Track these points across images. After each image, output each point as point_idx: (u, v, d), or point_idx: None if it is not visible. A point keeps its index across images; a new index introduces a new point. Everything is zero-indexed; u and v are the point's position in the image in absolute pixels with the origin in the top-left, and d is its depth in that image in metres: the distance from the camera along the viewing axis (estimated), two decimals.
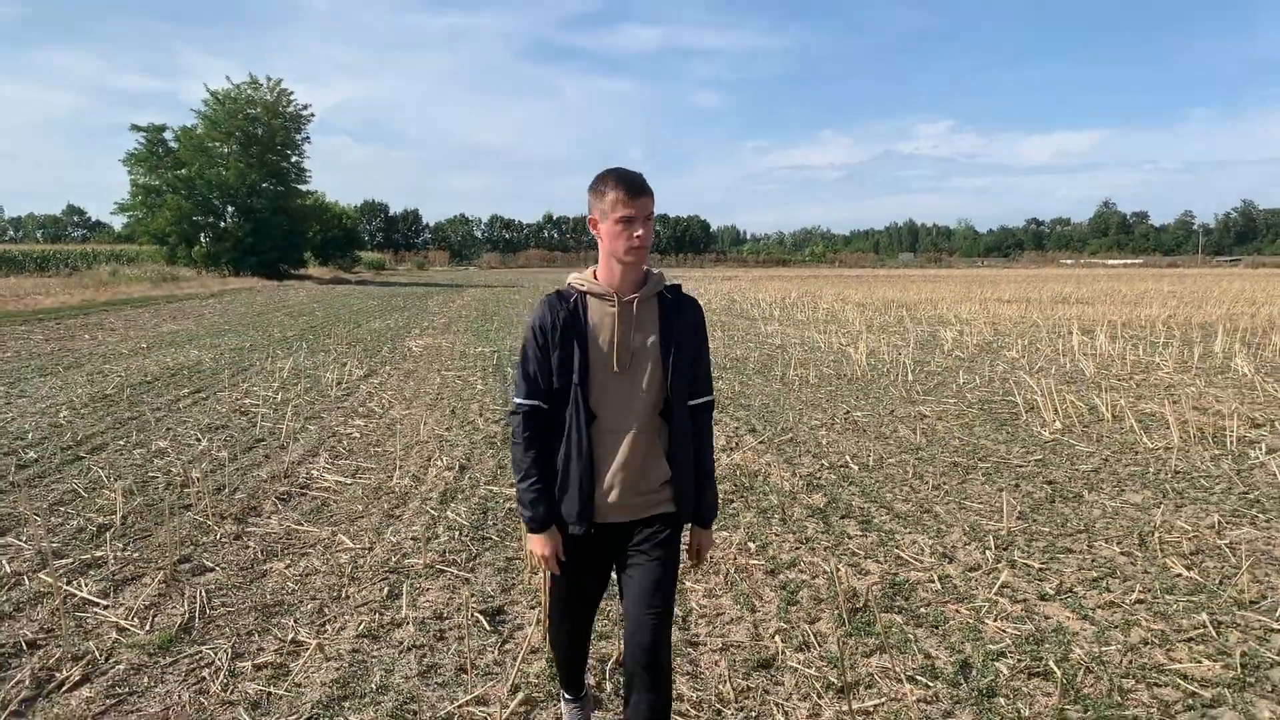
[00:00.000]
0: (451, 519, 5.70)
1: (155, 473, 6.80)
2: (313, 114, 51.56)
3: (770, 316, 23.36)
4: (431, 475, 6.82)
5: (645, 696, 2.65)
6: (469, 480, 6.69)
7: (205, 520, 5.61)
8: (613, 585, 2.86)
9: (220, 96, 48.96)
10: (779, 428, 8.71)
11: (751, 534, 5.42)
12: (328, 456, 7.41)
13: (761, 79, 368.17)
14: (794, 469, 7.06)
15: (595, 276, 2.70)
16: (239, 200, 49.12)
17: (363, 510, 5.94)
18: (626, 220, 2.57)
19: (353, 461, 7.27)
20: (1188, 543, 5.24)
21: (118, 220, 56.32)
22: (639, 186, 2.60)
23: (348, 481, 6.63)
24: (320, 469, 6.97)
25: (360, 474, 6.87)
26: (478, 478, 6.76)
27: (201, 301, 28.31)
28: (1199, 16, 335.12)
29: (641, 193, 2.59)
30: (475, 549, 5.17)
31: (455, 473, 6.89)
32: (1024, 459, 7.41)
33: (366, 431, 8.45)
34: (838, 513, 5.90)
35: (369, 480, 6.68)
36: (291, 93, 50.76)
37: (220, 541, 5.27)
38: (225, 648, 3.85)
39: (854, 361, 13.31)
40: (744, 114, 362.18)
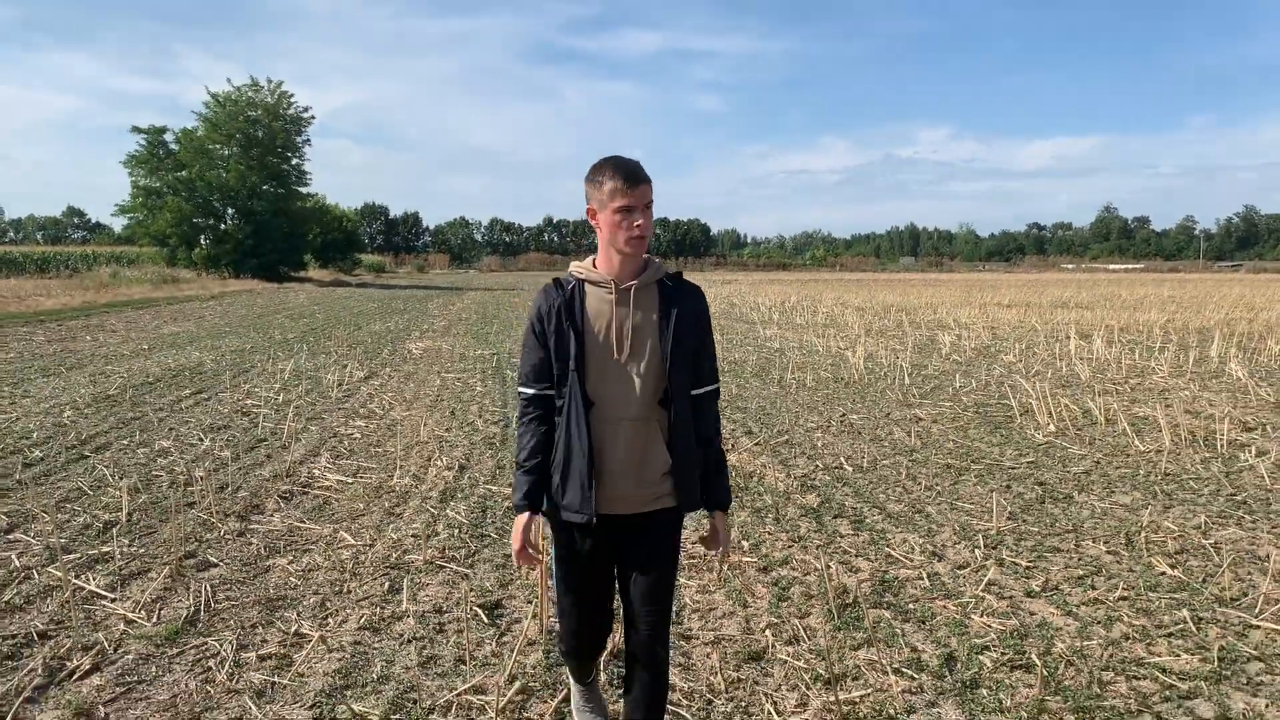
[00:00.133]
0: (451, 517, 5.81)
1: (159, 471, 6.91)
2: (313, 116, 51.69)
3: (769, 320, 23.46)
4: (431, 475, 6.92)
5: (643, 689, 2.72)
6: (468, 480, 6.80)
7: (209, 518, 5.71)
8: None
9: (221, 99, 49.08)
10: (775, 430, 8.82)
11: (745, 533, 5.52)
12: (329, 456, 7.52)
13: (762, 83, 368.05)
14: (789, 470, 7.16)
15: (595, 266, 2.66)
16: (239, 202, 49.21)
17: (364, 508, 6.05)
18: (625, 210, 2.52)
19: (354, 461, 7.37)
20: (1173, 542, 5.34)
21: (118, 222, 56.59)
22: (637, 175, 2.54)
23: (349, 481, 6.73)
24: (322, 468, 7.07)
25: (361, 473, 6.98)
26: (477, 477, 6.87)
27: (202, 303, 28.42)
28: (1198, 22, 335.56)
29: (640, 181, 2.54)
30: (474, 546, 5.27)
31: (455, 472, 6.99)
32: (1016, 461, 7.51)
33: (367, 432, 8.55)
34: (830, 512, 6.00)
35: (370, 479, 6.78)
36: (292, 95, 50.89)
37: (224, 538, 5.38)
38: (230, 639, 3.95)
39: (851, 365, 13.41)
40: (745, 117, 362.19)
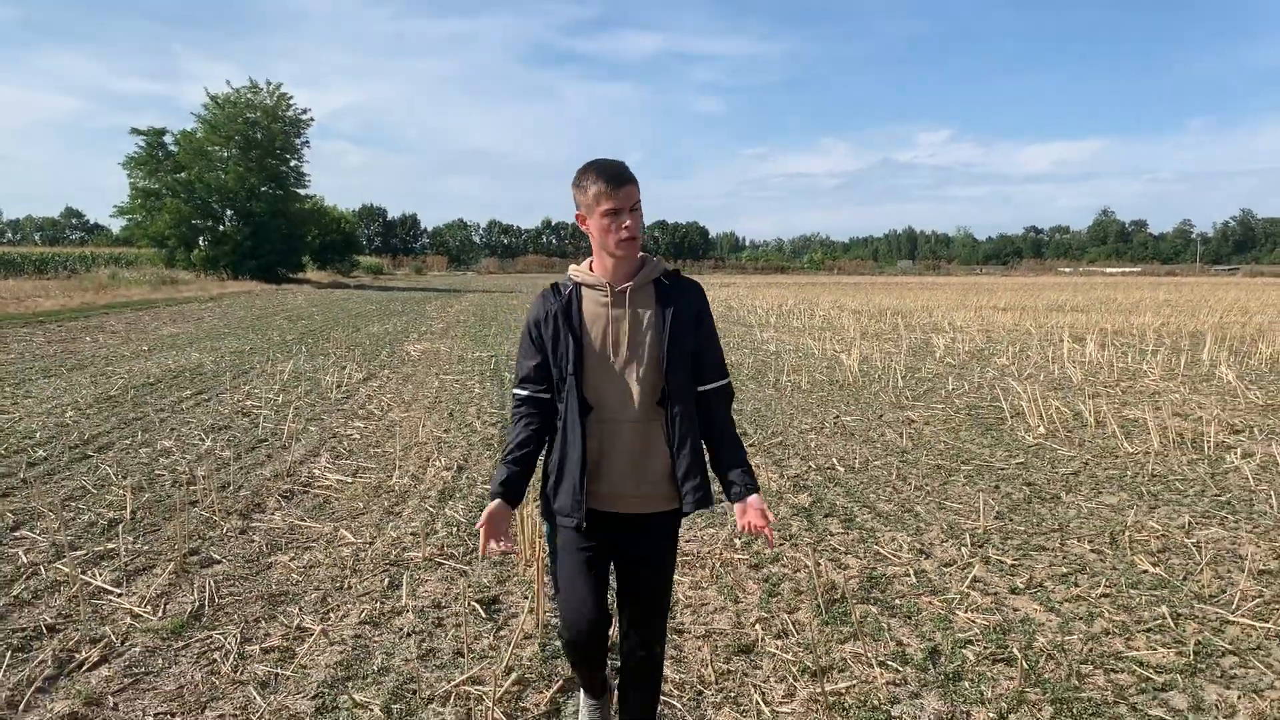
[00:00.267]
0: (449, 515, 5.91)
1: (162, 471, 7.01)
2: (312, 118, 51.74)
3: (766, 323, 23.58)
4: (430, 475, 7.03)
5: (639, 686, 2.80)
6: (466, 480, 6.90)
7: (212, 516, 5.82)
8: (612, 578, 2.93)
9: (220, 100, 49.15)
10: (769, 431, 8.93)
11: (737, 531, 5.62)
12: (329, 456, 7.62)
13: (761, 85, 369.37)
14: (781, 470, 7.28)
15: (592, 269, 2.67)
16: (238, 204, 49.28)
17: (363, 507, 6.15)
18: (612, 213, 2.52)
19: (353, 461, 7.48)
20: (1156, 541, 5.46)
21: (116, 223, 56.60)
22: (621, 176, 2.52)
23: (349, 480, 6.84)
24: (322, 468, 7.18)
25: (361, 473, 7.08)
26: (475, 477, 6.97)
27: (201, 305, 28.50)
28: (1197, 27, 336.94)
29: (624, 182, 2.52)
30: (472, 544, 5.38)
31: (453, 473, 7.10)
32: (1006, 462, 7.63)
33: (366, 433, 8.66)
34: (821, 511, 6.11)
35: (369, 479, 6.89)
36: (291, 97, 50.98)
37: (227, 536, 5.48)
38: (234, 633, 4.05)
39: (846, 368, 13.53)
40: (743, 120, 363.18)
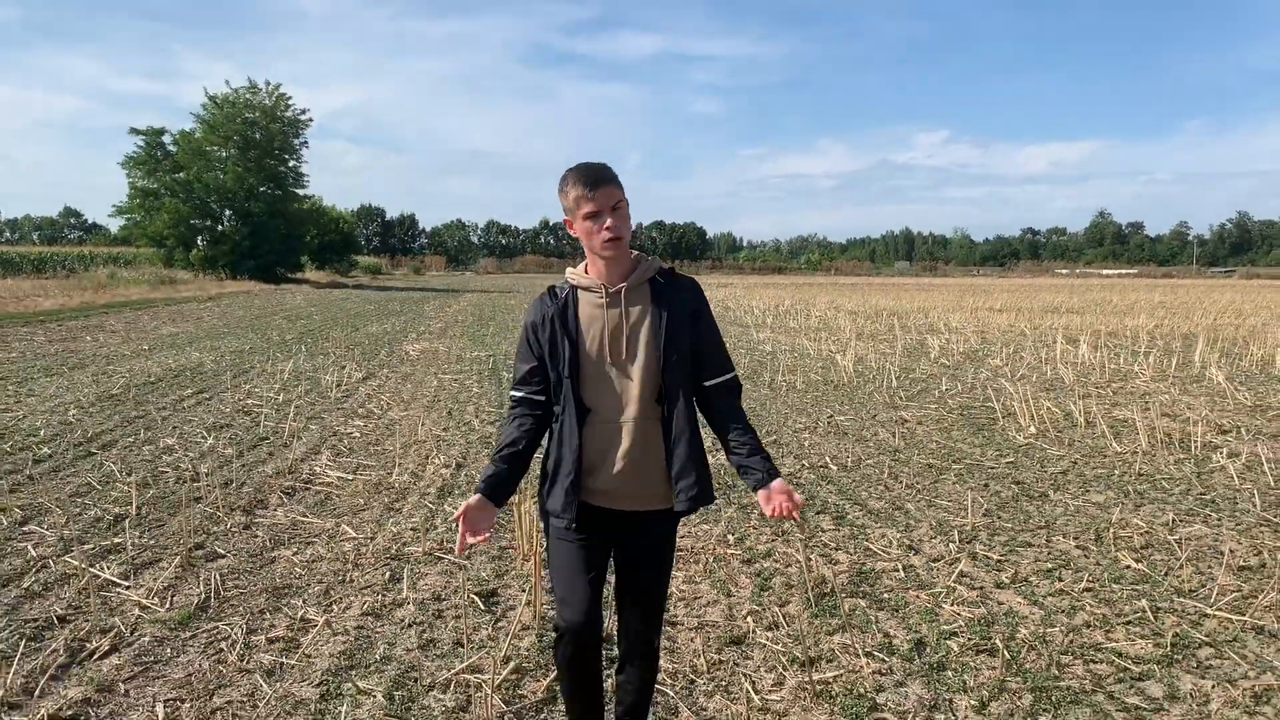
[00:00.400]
0: (449, 512, 6.03)
1: (165, 468, 7.12)
2: (311, 118, 51.92)
3: (763, 324, 23.71)
4: (429, 472, 7.15)
5: (635, 677, 2.90)
6: (465, 477, 7.02)
7: (216, 511, 5.93)
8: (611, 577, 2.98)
9: (219, 100, 49.28)
10: (764, 430, 9.04)
11: (731, 527, 5.76)
12: (329, 454, 7.74)
13: (759, 86, 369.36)
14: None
15: (587, 271, 2.70)
16: (237, 204, 49.41)
17: (364, 503, 6.27)
18: (594, 215, 2.54)
19: (353, 459, 7.59)
20: (1140, 538, 5.58)
21: (114, 223, 56.62)
22: (599, 178, 2.54)
23: (349, 477, 6.95)
24: (323, 465, 7.29)
25: (361, 470, 7.20)
26: (473, 474, 7.09)
27: (200, 304, 28.60)
28: (1193, 29, 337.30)
29: (602, 183, 2.53)
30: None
31: (452, 470, 7.22)
32: (996, 461, 7.75)
33: (366, 431, 8.78)
34: (813, 509, 6.23)
35: (370, 476, 7.00)
36: (290, 97, 51.13)
37: (230, 531, 5.60)
38: (240, 624, 4.17)
39: (841, 368, 13.66)
40: (742, 121, 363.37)
